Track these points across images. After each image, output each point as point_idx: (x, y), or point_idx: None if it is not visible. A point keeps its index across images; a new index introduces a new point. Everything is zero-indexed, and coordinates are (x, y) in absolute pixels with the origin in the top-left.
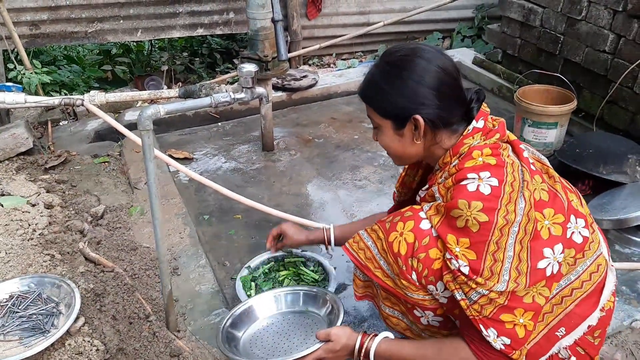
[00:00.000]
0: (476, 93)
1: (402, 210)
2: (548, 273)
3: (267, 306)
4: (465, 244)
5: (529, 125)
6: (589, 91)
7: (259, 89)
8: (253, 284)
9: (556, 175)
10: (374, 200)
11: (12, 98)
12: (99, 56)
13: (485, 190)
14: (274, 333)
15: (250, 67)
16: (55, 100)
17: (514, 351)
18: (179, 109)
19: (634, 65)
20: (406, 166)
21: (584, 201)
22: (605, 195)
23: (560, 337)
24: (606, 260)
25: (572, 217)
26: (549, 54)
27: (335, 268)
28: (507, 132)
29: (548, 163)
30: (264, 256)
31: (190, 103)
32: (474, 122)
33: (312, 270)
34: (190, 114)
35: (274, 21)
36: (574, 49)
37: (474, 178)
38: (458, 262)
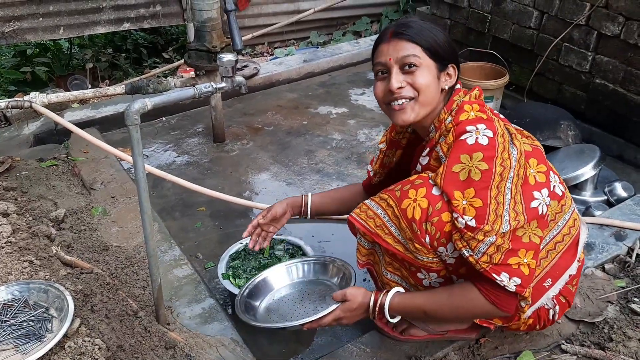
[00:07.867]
0: None
1: (411, 178)
2: (540, 212)
3: (281, 277)
4: (471, 193)
5: None
6: (517, 65)
7: (238, 78)
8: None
9: (531, 135)
10: (334, 182)
11: None
12: (15, 58)
13: (483, 141)
14: (289, 301)
15: (230, 57)
16: (1, 103)
17: (524, 289)
18: (165, 101)
19: (558, 39)
20: (384, 148)
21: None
22: None
23: (547, 287)
24: (578, 215)
25: (551, 172)
26: (478, 32)
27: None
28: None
29: (519, 127)
30: (236, 247)
31: (175, 95)
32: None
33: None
34: None
35: (226, 11)
36: (502, 27)
37: (472, 131)
38: (464, 219)
